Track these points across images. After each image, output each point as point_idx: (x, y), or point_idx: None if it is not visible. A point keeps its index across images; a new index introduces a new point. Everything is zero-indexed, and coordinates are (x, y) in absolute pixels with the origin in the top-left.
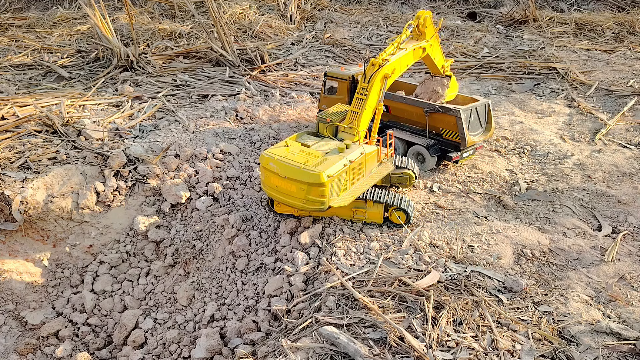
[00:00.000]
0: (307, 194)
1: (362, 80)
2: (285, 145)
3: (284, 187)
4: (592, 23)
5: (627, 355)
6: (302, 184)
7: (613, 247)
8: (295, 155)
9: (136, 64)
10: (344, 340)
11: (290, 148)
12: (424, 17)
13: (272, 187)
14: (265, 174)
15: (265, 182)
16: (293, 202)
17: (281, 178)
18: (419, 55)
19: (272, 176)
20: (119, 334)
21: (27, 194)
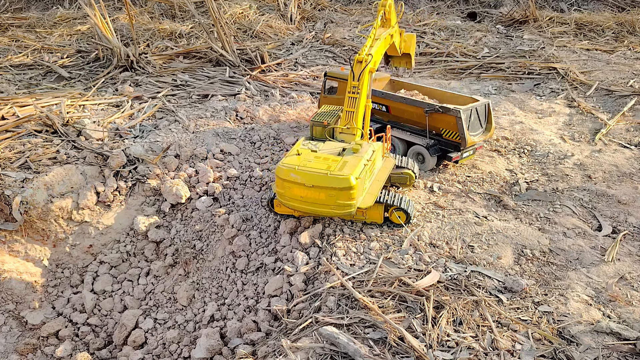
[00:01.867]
0: (337, 199)
1: (352, 79)
2: (297, 154)
3: (311, 196)
4: (592, 23)
5: (627, 355)
6: (332, 190)
7: (613, 247)
8: (313, 162)
9: (136, 64)
10: (344, 340)
11: (304, 156)
12: (389, 4)
13: (294, 199)
14: (285, 186)
15: (285, 194)
16: (321, 209)
17: (306, 188)
18: (389, 42)
19: (294, 187)
20: (119, 334)
21: (27, 194)
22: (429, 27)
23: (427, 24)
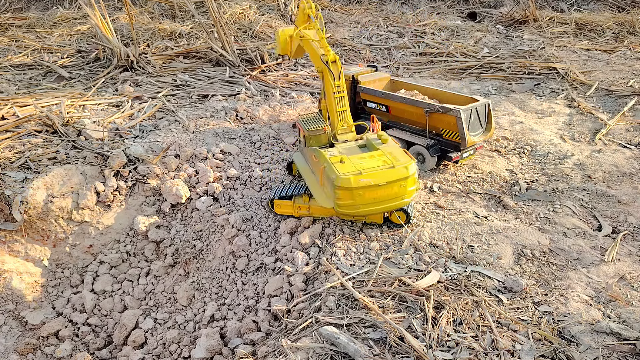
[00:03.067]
0: (407, 187)
1: (334, 79)
2: (341, 162)
3: (384, 194)
4: (592, 23)
5: (627, 355)
6: (403, 181)
7: (613, 247)
8: (367, 162)
9: (136, 64)
10: (344, 340)
11: (351, 160)
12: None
13: (366, 203)
14: (355, 195)
15: (355, 203)
16: (393, 203)
17: (379, 187)
18: None
19: (366, 192)
20: (119, 334)
21: (27, 194)
22: (429, 27)
23: (427, 24)
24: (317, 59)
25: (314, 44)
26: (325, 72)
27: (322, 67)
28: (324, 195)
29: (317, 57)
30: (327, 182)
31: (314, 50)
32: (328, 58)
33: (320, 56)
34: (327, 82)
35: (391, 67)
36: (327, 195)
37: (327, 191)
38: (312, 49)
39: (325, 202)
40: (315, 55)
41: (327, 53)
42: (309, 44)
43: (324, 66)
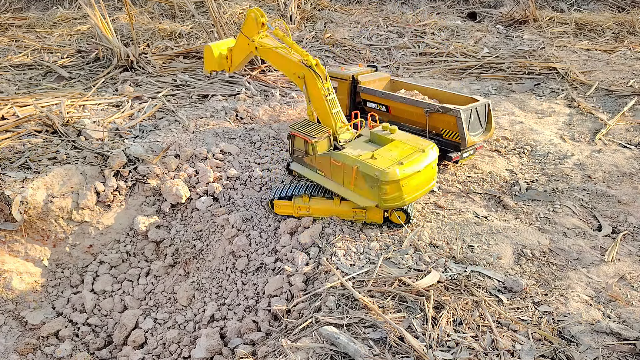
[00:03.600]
0: (435, 169)
1: (321, 82)
2: (374, 158)
3: (423, 179)
4: (592, 23)
5: (627, 355)
6: (433, 162)
7: (613, 247)
8: (398, 151)
9: (136, 64)
10: (344, 340)
11: (381, 155)
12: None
13: (411, 191)
14: (401, 185)
15: (403, 194)
16: (429, 186)
17: (419, 173)
18: None
19: (410, 180)
20: (119, 334)
21: (27, 194)
22: (429, 27)
23: (427, 24)
24: (291, 66)
25: (281, 52)
26: (308, 77)
27: (304, 72)
28: (360, 196)
29: (290, 64)
30: (367, 180)
31: (282, 58)
32: (310, 61)
33: (297, 62)
34: (313, 86)
35: (391, 67)
36: (366, 194)
37: (366, 190)
38: (280, 56)
39: (364, 201)
40: (285, 63)
41: (307, 57)
42: (274, 53)
43: (307, 71)
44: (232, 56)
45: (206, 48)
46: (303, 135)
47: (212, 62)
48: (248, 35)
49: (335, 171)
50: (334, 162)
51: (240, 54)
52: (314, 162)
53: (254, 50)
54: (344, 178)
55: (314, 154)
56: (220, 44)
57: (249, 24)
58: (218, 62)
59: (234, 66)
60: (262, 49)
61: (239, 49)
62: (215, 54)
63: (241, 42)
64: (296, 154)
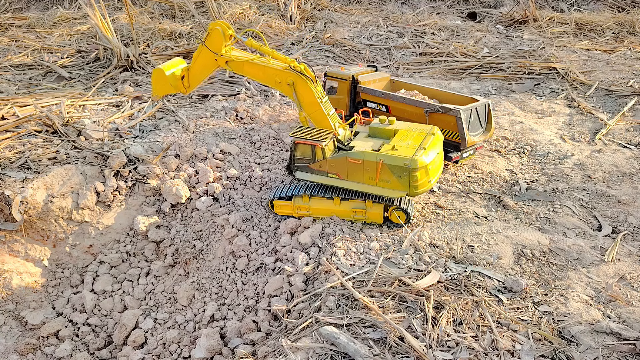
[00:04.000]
0: None
1: (314, 85)
2: (395, 149)
3: (440, 159)
4: (592, 23)
5: (627, 355)
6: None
7: (613, 247)
8: (413, 139)
9: (136, 64)
10: (344, 340)
11: (399, 144)
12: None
13: (436, 171)
14: (429, 170)
15: (429, 179)
16: (442, 167)
17: (438, 156)
18: None
19: (433, 164)
20: (119, 334)
21: (27, 194)
22: (429, 27)
23: (427, 24)
24: (275, 74)
25: (258, 62)
26: (299, 83)
27: (292, 79)
28: (388, 188)
29: (273, 73)
30: (395, 171)
31: (262, 68)
32: (297, 67)
33: (283, 69)
34: (305, 91)
35: (391, 67)
36: (394, 185)
37: (393, 182)
38: (258, 67)
39: (392, 193)
40: (268, 73)
41: (292, 62)
42: (250, 65)
43: (296, 76)
44: (190, 76)
45: (155, 71)
46: (310, 142)
47: (164, 85)
48: (214, 50)
49: (352, 170)
50: (352, 161)
51: (204, 72)
52: (324, 166)
53: (223, 65)
54: (365, 175)
55: (324, 157)
56: (171, 64)
57: (214, 39)
58: (172, 85)
59: (193, 86)
60: (235, 63)
61: (201, 67)
62: (167, 76)
63: (205, 59)
64: (299, 162)
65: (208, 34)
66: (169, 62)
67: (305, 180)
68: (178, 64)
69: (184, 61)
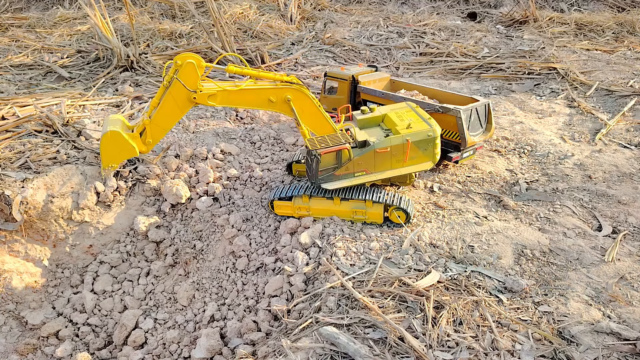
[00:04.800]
0: None
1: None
2: (410, 127)
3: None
4: (592, 23)
5: (627, 355)
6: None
7: (613, 247)
8: (409, 115)
9: (136, 64)
10: (344, 340)
11: (407, 123)
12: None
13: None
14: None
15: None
16: None
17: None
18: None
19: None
20: (119, 334)
21: (27, 194)
22: (429, 27)
23: (427, 24)
24: (268, 94)
25: (247, 87)
26: (297, 95)
27: (288, 94)
28: (417, 164)
29: (263, 94)
30: (421, 146)
31: (254, 92)
32: (289, 79)
33: (276, 86)
34: (305, 102)
35: (391, 67)
36: (421, 159)
37: (420, 156)
38: (250, 91)
39: (422, 167)
40: (258, 96)
41: (283, 77)
42: (240, 92)
43: (292, 90)
44: (153, 127)
45: (108, 137)
46: (338, 147)
47: (122, 149)
48: (190, 87)
49: (381, 160)
50: (380, 151)
51: (174, 117)
52: (351, 168)
53: (203, 102)
54: (392, 160)
55: (350, 158)
56: (119, 123)
57: (187, 74)
58: (128, 148)
59: (157, 139)
60: (221, 95)
61: (171, 111)
62: (126, 138)
63: (176, 100)
64: (324, 173)
65: (177, 70)
66: (111, 122)
67: (303, 177)
68: (120, 120)
69: (122, 116)
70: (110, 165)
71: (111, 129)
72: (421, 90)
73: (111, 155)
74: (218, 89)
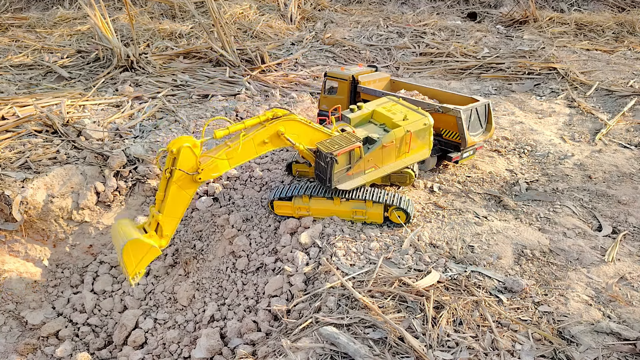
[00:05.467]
0: None
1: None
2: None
3: None
4: (592, 23)
5: (627, 355)
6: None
7: (613, 247)
8: (399, 108)
9: (136, 64)
10: (344, 340)
11: (401, 116)
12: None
13: None
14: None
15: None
16: None
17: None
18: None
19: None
20: (119, 334)
21: (27, 194)
22: (429, 27)
23: (427, 24)
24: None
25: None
26: (288, 125)
27: (281, 126)
28: (418, 153)
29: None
30: (420, 136)
31: (249, 143)
32: (273, 114)
33: (267, 127)
34: (296, 127)
35: (391, 67)
36: (420, 148)
37: (419, 145)
38: (246, 145)
39: (421, 155)
40: (254, 143)
41: (267, 115)
42: (238, 153)
43: (283, 121)
44: (166, 220)
45: (130, 246)
46: (351, 147)
47: (146, 254)
48: (191, 171)
49: (387, 153)
50: (387, 145)
51: (184, 203)
52: (362, 165)
53: (210, 177)
54: (397, 152)
55: (362, 156)
56: (130, 230)
57: (185, 159)
58: (152, 250)
59: (172, 231)
60: (222, 164)
61: (178, 199)
62: (146, 242)
63: (181, 187)
64: (338, 175)
65: (175, 158)
66: (123, 230)
67: (302, 177)
68: (129, 224)
69: (127, 219)
70: (137, 272)
71: (129, 238)
72: (421, 90)
73: (135, 263)
74: (218, 159)
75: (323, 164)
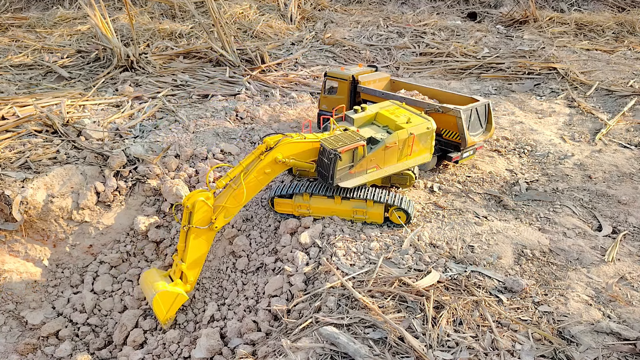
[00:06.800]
0: None
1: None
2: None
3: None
4: (592, 23)
5: (627, 355)
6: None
7: (613, 247)
8: (401, 111)
9: (136, 64)
10: (344, 340)
11: (404, 119)
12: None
13: None
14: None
15: None
16: None
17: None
18: None
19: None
20: (119, 334)
21: (27, 194)
22: (429, 27)
23: (427, 24)
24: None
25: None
26: (283, 148)
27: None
28: (420, 156)
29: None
30: (422, 139)
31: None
32: (267, 144)
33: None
34: (292, 147)
35: (391, 67)
36: (422, 151)
37: (421, 148)
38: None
39: (424, 158)
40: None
41: (260, 147)
42: (245, 191)
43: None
44: (189, 268)
45: (160, 297)
46: (354, 145)
47: (174, 302)
48: (206, 223)
49: (389, 155)
50: (390, 145)
51: (204, 250)
52: (364, 165)
53: (224, 223)
54: (399, 154)
55: (364, 155)
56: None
57: (202, 213)
58: (180, 297)
59: (196, 277)
60: (235, 207)
61: (200, 247)
62: (174, 291)
63: (202, 237)
64: (341, 172)
65: (191, 213)
66: (151, 281)
67: (302, 176)
68: (157, 274)
69: (155, 268)
70: (169, 318)
71: (157, 290)
72: (421, 90)
73: (166, 310)
74: (227, 206)
75: (326, 161)
